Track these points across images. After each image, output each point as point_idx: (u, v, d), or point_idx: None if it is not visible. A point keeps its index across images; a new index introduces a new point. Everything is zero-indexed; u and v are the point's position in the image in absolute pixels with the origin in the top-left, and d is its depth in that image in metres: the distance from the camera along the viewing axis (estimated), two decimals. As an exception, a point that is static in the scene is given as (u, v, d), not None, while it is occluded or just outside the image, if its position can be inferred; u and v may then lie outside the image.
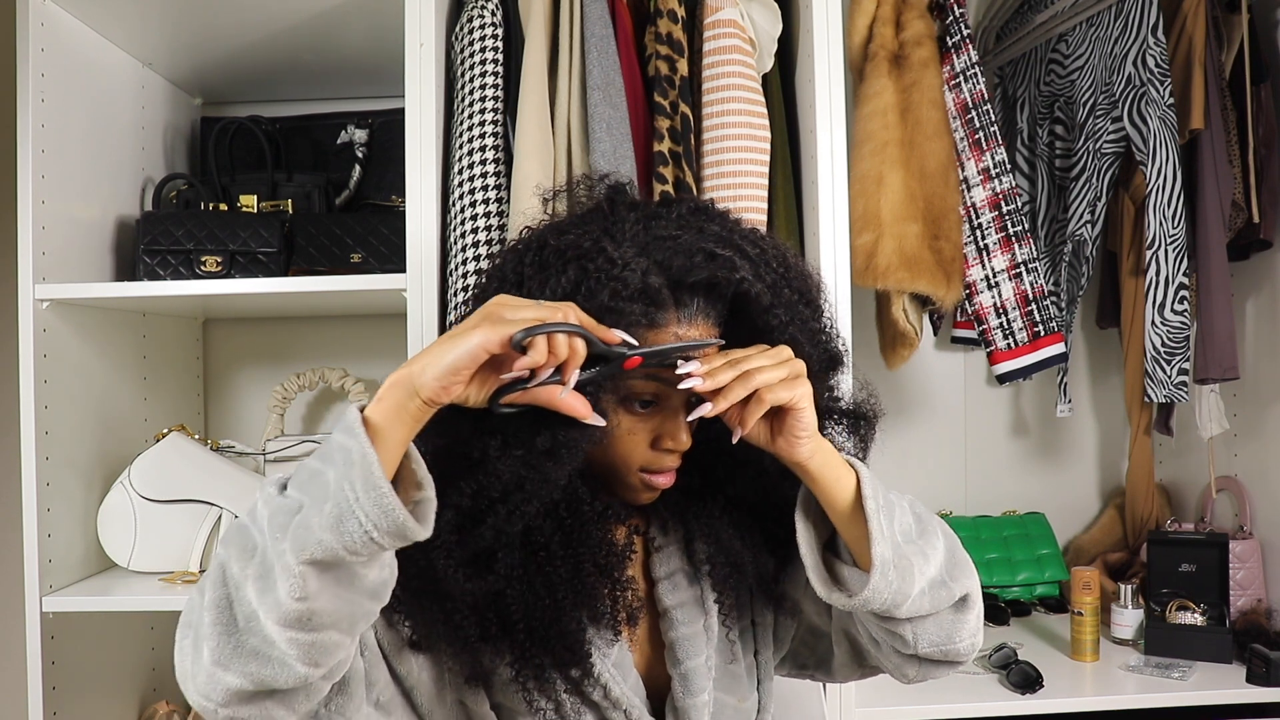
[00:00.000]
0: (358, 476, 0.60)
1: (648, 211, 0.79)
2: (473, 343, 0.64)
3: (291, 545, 0.60)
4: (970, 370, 2.07)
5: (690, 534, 0.88)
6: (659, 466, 0.80)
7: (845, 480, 0.76)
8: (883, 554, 0.74)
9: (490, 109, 1.37)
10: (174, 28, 1.58)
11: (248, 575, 0.62)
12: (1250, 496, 1.75)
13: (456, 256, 1.35)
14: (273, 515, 0.62)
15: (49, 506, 1.40)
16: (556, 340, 0.65)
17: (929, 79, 1.54)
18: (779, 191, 1.40)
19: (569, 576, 0.77)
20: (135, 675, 1.65)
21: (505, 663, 0.78)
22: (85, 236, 1.52)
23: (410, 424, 0.64)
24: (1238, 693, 1.46)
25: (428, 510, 0.65)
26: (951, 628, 0.80)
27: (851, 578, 0.77)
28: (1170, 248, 1.59)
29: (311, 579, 0.60)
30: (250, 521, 0.65)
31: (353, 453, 0.61)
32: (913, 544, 0.77)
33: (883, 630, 0.80)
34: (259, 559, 0.62)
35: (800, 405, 0.72)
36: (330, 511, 0.60)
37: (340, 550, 0.60)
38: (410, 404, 0.64)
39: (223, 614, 0.62)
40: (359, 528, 0.59)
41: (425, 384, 0.63)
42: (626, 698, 0.80)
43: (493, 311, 0.66)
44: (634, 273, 0.72)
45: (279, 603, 0.60)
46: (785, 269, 0.80)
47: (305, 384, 1.76)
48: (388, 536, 0.61)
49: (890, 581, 0.74)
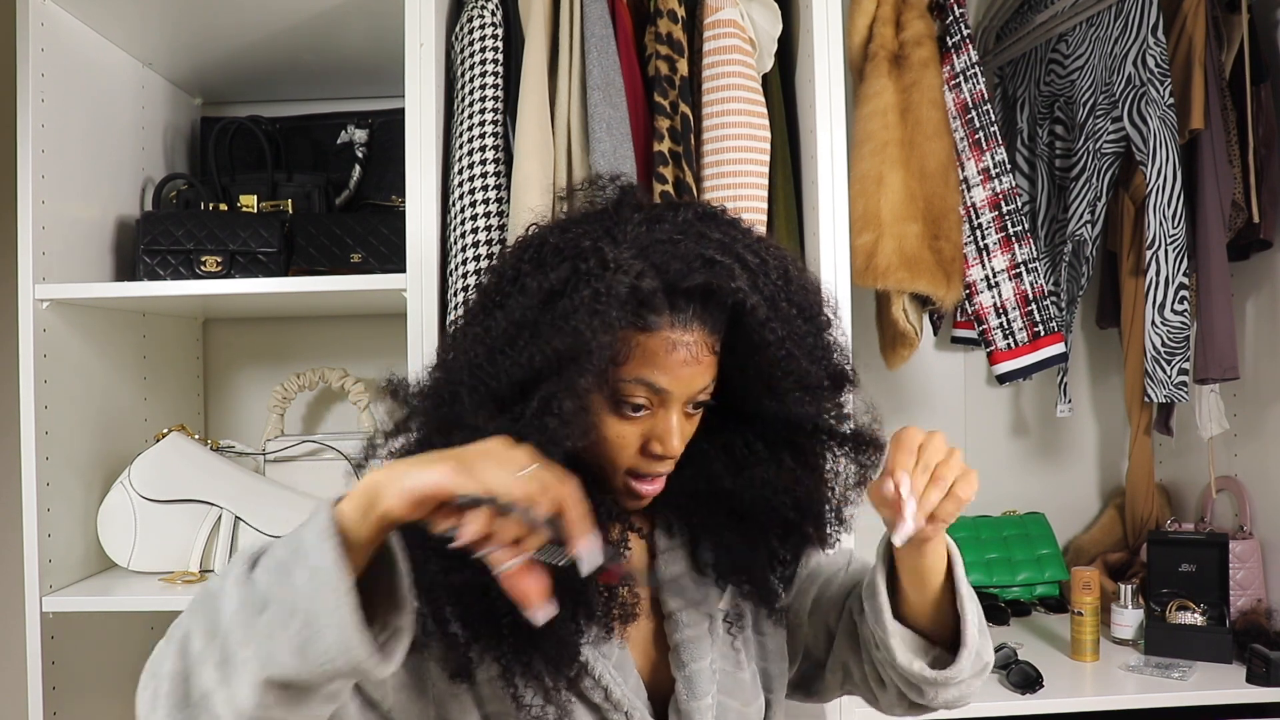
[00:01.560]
0: (328, 605, 0.58)
1: (652, 214, 0.78)
2: (434, 475, 0.60)
3: (256, 655, 0.59)
4: (970, 370, 2.07)
5: (695, 537, 0.88)
6: (647, 471, 0.79)
7: (943, 555, 0.78)
8: (973, 638, 0.76)
9: (490, 109, 1.37)
10: (174, 28, 1.58)
11: (208, 658, 0.61)
12: (1250, 496, 1.75)
13: (456, 256, 1.35)
14: (241, 605, 0.61)
15: (49, 506, 1.39)
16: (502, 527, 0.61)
17: (929, 79, 1.54)
18: (779, 191, 1.40)
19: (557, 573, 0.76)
20: (135, 675, 1.61)
21: (492, 658, 0.77)
22: (85, 236, 1.52)
23: (374, 532, 0.61)
24: (1238, 693, 1.46)
25: (398, 642, 0.63)
26: (968, 689, 0.82)
27: (920, 646, 0.80)
28: (1170, 248, 1.59)
29: (271, 693, 0.59)
30: (219, 591, 0.63)
31: (322, 572, 0.59)
32: (984, 634, 0.81)
33: (904, 682, 0.81)
34: (220, 644, 0.61)
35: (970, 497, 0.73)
36: (296, 635, 0.58)
37: (302, 675, 0.59)
38: (373, 513, 0.61)
39: (178, 686, 0.61)
40: (321, 659, 0.58)
41: (387, 498, 0.60)
42: (628, 699, 0.80)
43: (475, 455, 0.62)
44: (625, 275, 0.71)
45: (234, 699, 0.59)
46: (786, 281, 0.78)
47: (305, 384, 1.76)
48: (349, 674, 0.60)
49: (972, 664, 0.77)
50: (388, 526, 0.62)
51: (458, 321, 0.83)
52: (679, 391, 0.76)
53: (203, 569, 1.49)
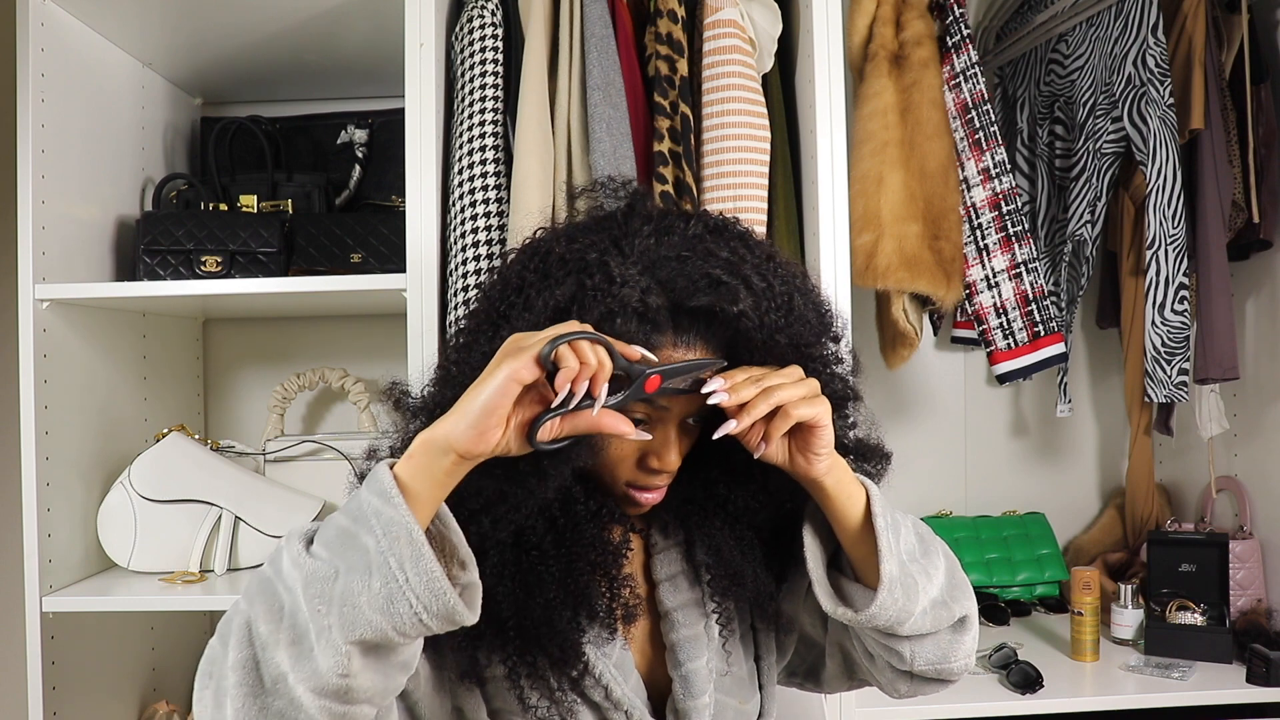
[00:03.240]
0: (406, 555, 0.59)
1: (662, 225, 0.77)
2: (500, 377, 0.62)
3: (339, 621, 0.59)
4: (970, 370, 2.07)
5: (691, 537, 0.88)
6: (646, 484, 0.79)
7: (856, 497, 0.77)
8: (890, 571, 0.74)
9: (490, 109, 1.37)
10: (174, 28, 1.58)
11: (279, 639, 0.61)
12: (1250, 496, 1.75)
13: (456, 256, 1.35)
14: (307, 580, 0.61)
15: (49, 506, 1.40)
16: (581, 347, 0.63)
17: (929, 79, 1.54)
18: (779, 191, 1.40)
19: (561, 575, 0.77)
20: (135, 675, 1.65)
21: (498, 659, 0.77)
22: (85, 236, 1.52)
23: (444, 483, 0.63)
24: (1238, 693, 1.46)
25: (474, 595, 0.64)
26: (949, 647, 0.80)
27: (857, 594, 0.77)
28: (1170, 248, 1.59)
29: (356, 657, 0.60)
30: (275, 576, 0.63)
31: (395, 525, 0.59)
32: (916, 563, 0.78)
33: (881, 646, 0.80)
34: (290, 622, 0.61)
35: (822, 422, 0.72)
36: (380, 591, 0.59)
37: (390, 632, 0.59)
38: (443, 461, 0.62)
39: (248, 675, 0.61)
40: (409, 610, 0.59)
41: (459, 435, 0.61)
42: (628, 699, 0.80)
43: (509, 347, 0.64)
44: (632, 291, 0.70)
45: (317, 673, 0.59)
46: (790, 305, 0.77)
47: (305, 384, 1.76)
48: (438, 620, 0.60)
49: (896, 599, 0.74)
50: (461, 471, 0.63)
51: (460, 324, 0.83)
52: (678, 408, 0.77)
53: (203, 569, 1.49)
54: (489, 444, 0.63)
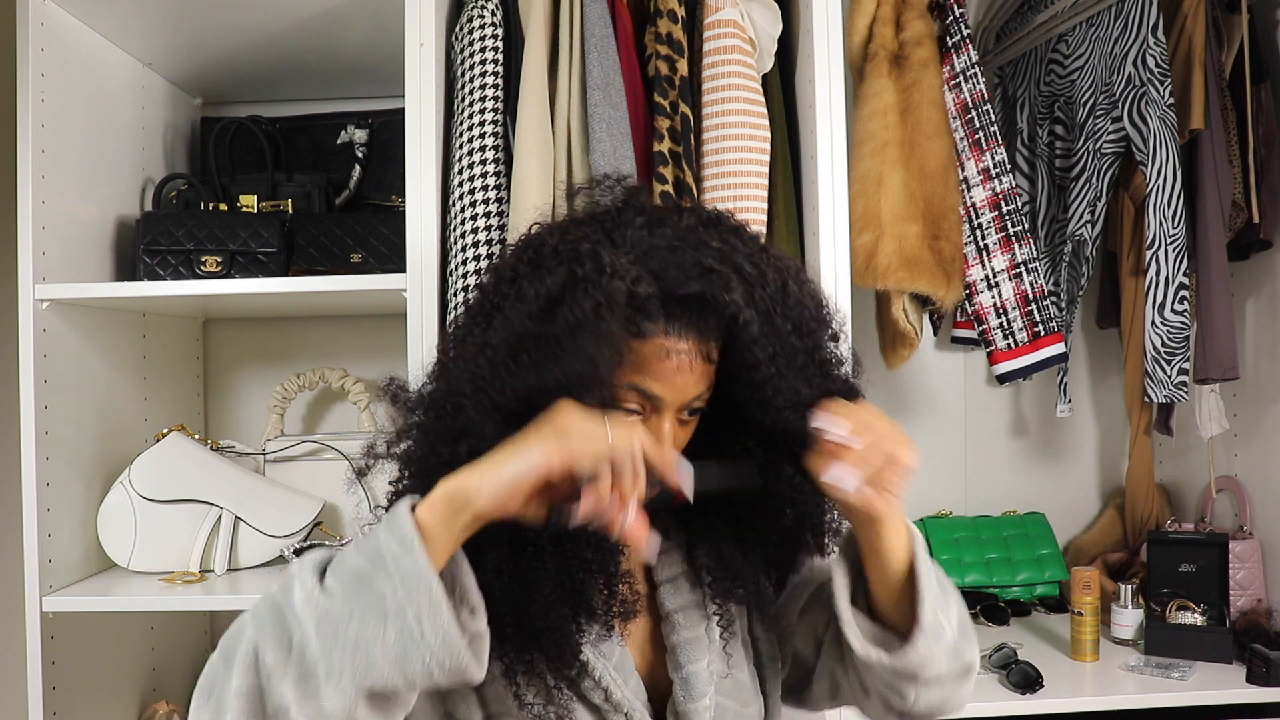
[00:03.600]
0: (424, 610, 0.59)
1: (654, 217, 0.77)
2: (535, 458, 0.62)
3: (350, 668, 0.60)
4: (970, 370, 2.07)
5: (692, 540, 0.88)
6: None
7: (904, 538, 0.76)
8: (928, 618, 0.74)
9: (490, 109, 1.37)
10: (174, 28, 1.58)
11: (287, 673, 0.61)
12: (1250, 496, 1.75)
13: (456, 256, 1.35)
14: (320, 619, 0.61)
15: (49, 506, 1.40)
16: (623, 480, 0.64)
17: (929, 79, 1.54)
18: (779, 191, 1.40)
19: (556, 572, 0.76)
20: (135, 675, 1.65)
21: (495, 656, 0.77)
22: (85, 236, 1.52)
23: (461, 536, 0.63)
24: (1238, 693, 1.46)
25: (481, 647, 0.64)
26: (951, 693, 0.80)
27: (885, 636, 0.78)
28: (1170, 248, 1.59)
29: (363, 705, 0.60)
30: (285, 605, 0.63)
31: (413, 577, 0.60)
32: (941, 608, 0.78)
33: (886, 685, 0.79)
34: (299, 656, 0.61)
35: (914, 464, 0.72)
36: (395, 644, 0.59)
37: (400, 684, 0.60)
38: (463, 516, 0.62)
39: (252, 703, 0.62)
40: (422, 666, 0.59)
41: (483, 499, 0.62)
42: (628, 701, 0.80)
43: (558, 423, 0.64)
44: (622, 281, 0.70)
45: (323, 713, 0.60)
46: (784, 295, 0.77)
47: (305, 384, 1.76)
48: (449, 676, 0.61)
49: (929, 645, 0.75)
50: (476, 527, 0.63)
51: (458, 320, 0.83)
52: (671, 399, 0.76)
53: (203, 569, 1.49)
54: (508, 511, 0.64)
